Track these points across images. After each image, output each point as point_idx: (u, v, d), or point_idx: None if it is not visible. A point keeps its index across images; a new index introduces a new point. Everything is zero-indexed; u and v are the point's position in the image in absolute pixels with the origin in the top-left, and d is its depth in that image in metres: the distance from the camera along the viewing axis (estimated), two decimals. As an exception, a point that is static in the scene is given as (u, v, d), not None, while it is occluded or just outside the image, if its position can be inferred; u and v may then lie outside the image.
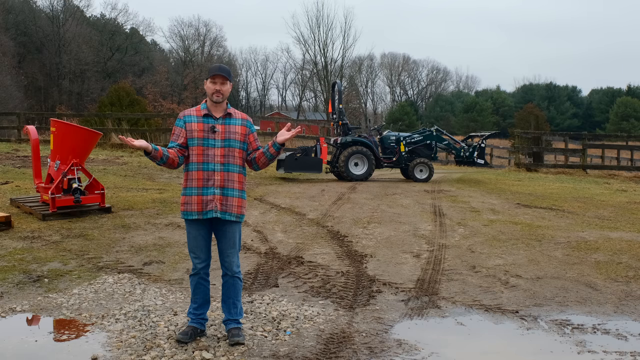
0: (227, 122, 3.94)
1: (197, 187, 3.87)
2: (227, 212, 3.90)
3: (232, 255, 4.00)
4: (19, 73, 48.90)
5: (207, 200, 3.86)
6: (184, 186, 3.95)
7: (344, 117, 14.18)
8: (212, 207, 3.86)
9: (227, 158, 3.90)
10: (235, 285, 4.03)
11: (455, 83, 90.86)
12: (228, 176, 3.90)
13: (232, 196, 3.91)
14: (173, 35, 67.12)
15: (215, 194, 3.86)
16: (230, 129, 3.93)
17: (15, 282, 5.22)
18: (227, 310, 4.05)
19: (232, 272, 4.01)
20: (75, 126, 8.41)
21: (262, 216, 8.45)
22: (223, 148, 3.89)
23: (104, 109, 26.19)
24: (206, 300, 4.07)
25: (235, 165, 3.93)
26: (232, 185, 3.92)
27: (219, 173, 3.88)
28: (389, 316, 4.58)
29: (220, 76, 3.94)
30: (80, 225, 7.44)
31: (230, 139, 3.91)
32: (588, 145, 19.05)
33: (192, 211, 3.89)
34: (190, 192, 3.89)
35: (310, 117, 65.05)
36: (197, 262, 4.00)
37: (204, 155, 3.87)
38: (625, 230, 7.87)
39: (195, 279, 4.03)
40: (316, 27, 60.07)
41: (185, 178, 3.95)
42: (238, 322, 4.05)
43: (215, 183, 3.87)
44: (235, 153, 3.93)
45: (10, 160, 14.71)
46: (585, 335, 4.26)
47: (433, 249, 6.71)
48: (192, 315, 4.05)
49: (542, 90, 78.73)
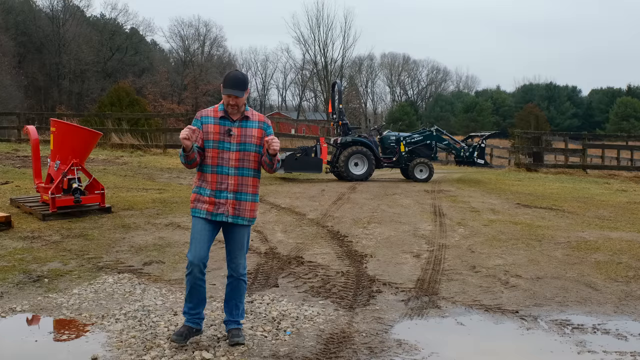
0: (244, 125, 3.86)
1: (211, 189, 3.82)
2: (239, 217, 3.86)
3: (240, 258, 3.96)
4: (19, 73, 48.88)
5: (219, 203, 3.81)
6: (197, 185, 3.90)
7: (344, 117, 14.18)
8: (223, 211, 3.81)
9: (242, 162, 3.84)
10: (239, 287, 3.99)
11: (455, 83, 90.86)
12: (242, 180, 3.85)
13: (245, 200, 3.87)
14: (173, 35, 67.01)
15: (228, 198, 3.81)
16: (246, 132, 3.85)
17: (15, 282, 5.22)
18: (229, 312, 4.01)
19: (238, 274, 3.96)
20: (75, 126, 8.41)
21: (262, 216, 8.45)
22: (238, 152, 3.82)
23: (104, 109, 26.11)
24: (202, 299, 3.96)
25: (250, 169, 3.88)
26: (246, 190, 3.87)
27: (233, 177, 3.82)
28: (389, 316, 4.58)
29: (233, 96, 3.77)
30: (80, 225, 7.44)
31: (246, 142, 3.84)
32: (588, 145, 19.05)
33: (202, 209, 3.84)
34: (204, 192, 3.84)
35: (310, 117, 65.06)
36: (195, 259, 3.78)
37: (218, 158, 3.81)
38: (625, 230, 7.87)
39: (190, 278, 3.88)
40: (316, 27, 60.12)
41: (199, 178, 3.90)
42: (239, 323, 4.02)
43: (229, 187, 3.81)
44: (250, 157, 3.86)
45: (10, 160, 14.71)
46: (585, 335, 4.26)
47: (433, 249, 6.71)
48: (187, 315, 3.95)
49: (542, 90, 78.70)
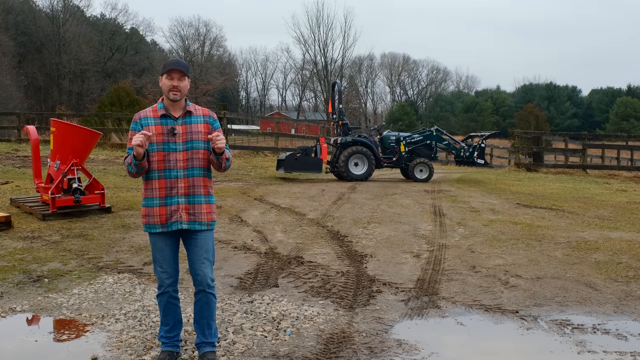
0: (188, 122, 3.55)
1: (160, 197, 3.50)
2: (196, 222, 3.54)
3: (206, 267, 3.59)
4: (19, 73, 48.94)
5: (171, 210, 3.50)
6: (144, 196, 3.55)
7: (344, 117, 14.18)
8: (176, 218, 3.50)
9: (191, 162, 3.52)
10: (209, 302, 3.62)
11: (455, 83, 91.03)
12: (193, 182, 3.53)
13: (199, 203, 3.55)
14: (173, 35, 67.29)
15: (179, 203, 3.50)
16: (192, 128, 3.54)
17: (15, 282, 5.22)
18: (201, 332, 3.66)
19: (205, 287, 3.58)
20: (75, 126, 8.41)
21: (262, 216, 8.45)
22: (185, 151, 3.51)
23: (104, 109, 26.11)
24: (178, 320, 3.71)
25: (200, 168, 3.55)
26: (199, 191, 3.55)
27: (182, 180, 3.50)
28: (389, 316, 4.57)
29: (177, 71, 3.51)
30: (80, 225, 7.44)
31: (192, 140, 3.53)
32: (588, 145, 19.05)
33: (154, 224, 3.52)
34: (152, 202, 3.51)
35: (310, 117, 65.11)
36: (164, 276, 3.60)
37: (165, 161, 3.48)
38: (625, 230, 7.87)
39: (163, 298, 3.63)
40: (316, 27, 60.28)
41: (145, 187, 3.55)
42: (213, 345, 3.67)
43: (179, 191, 3.50)
44: (199, 155, 3.54)
45: (10, 160, 14.71)
46: (585, 335, 4.26)
47: (433, 249, 6.71)
48: (164, 339, 3.67)
49: (542, 90, 78.78)
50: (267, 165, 16.31)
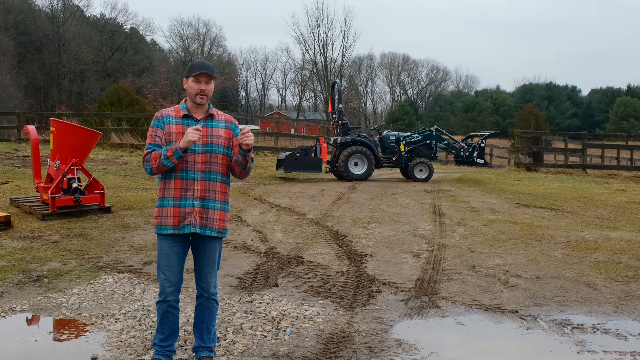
0: (210, 125, 3.51)
1: (175, 197, 3.45)
2: (207, 227, 3.48)
3: (211, 276, 3.60)
4: (19, 73, 48.94)
5: (185, 212, 3.44)
6: (160, 196, 3.51)
7: (344, 117, 14.18)
8: (190, 222, 3.44)
9: (210, 165, 3.48)
10: (211, 308, 3.63)
11: (455, 83, 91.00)
12: (210, 186, 3.48)
13: (213, 209, 3.49)
14: (173, 35, 67.25)
15: (194, 206, 3.44)
16: (213, 132, 3.50)
17: (15, 282, 5.22)
18: (200, 337, 3.64)
19: (209, 294, 3.60)
20: (75, 126, 8.41)
21: (262, 216, 8.45)
22: (205, 154, 3.46)
23: (104, 109, 26.10)
24: (174, 331, 3.61)
25: (218, 173, 3.51)
26: (214, 197, 3.50)
27: (199, 182, 3.45)
28: (389, 316, 4.58)
29: (205, 75, 3.48)
30: (80, 225, 7.44)
31: (213, 143, 3.48)
32: (588, 145, 19.05)
33: (167, 225, 3.45)
34: (167, 203, 3.46)
35: (310, 117, 65.12)
36: (167, 285, 3.51)
37: (183, 162, 3.42)
38: (625, 230, 7.87)
39: (163, 306, 3.53)
40: (316, 27, 60.21)
41: (161, 187, 3.51)
42: (211, 351, 3.64)
43: (195, 194, 3.45)
44: (218, 160, 3.50)
45: (10, 160, 14.71)
46: (585, 335, 4.26)
47: (433, 249, 6.71)
48: (157, 347, 3.56)
49: (542, 90, 78.76)
50: (267, 165, 16.31)
